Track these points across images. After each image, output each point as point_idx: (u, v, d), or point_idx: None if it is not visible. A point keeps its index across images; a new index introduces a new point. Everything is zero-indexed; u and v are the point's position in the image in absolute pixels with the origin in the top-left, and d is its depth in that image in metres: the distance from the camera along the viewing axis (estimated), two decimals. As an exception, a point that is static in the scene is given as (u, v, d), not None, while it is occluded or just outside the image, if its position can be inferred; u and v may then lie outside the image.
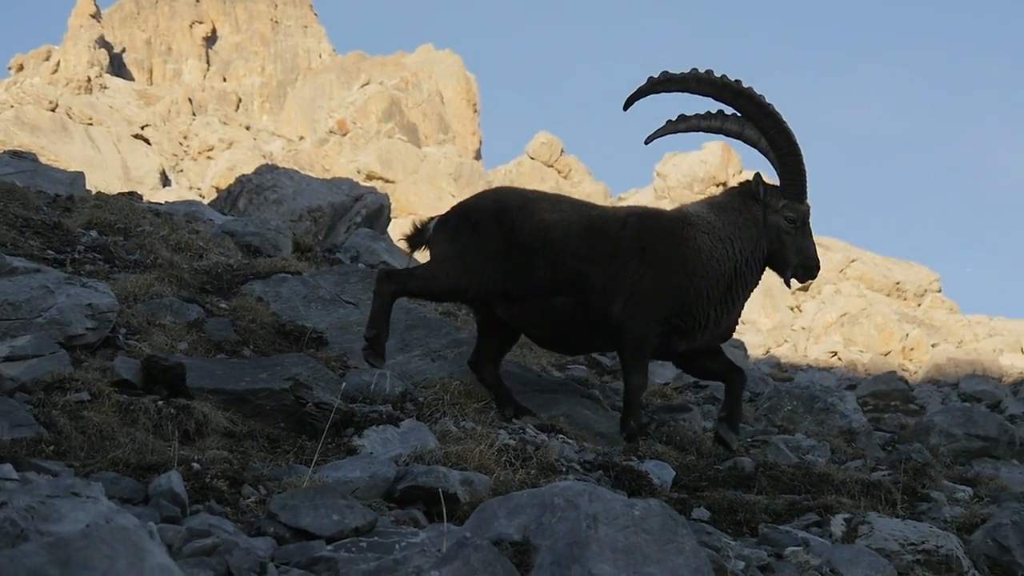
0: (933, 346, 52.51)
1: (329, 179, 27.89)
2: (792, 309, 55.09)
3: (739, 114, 8.98)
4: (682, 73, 8.91)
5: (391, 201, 26.21)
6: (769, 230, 8.86)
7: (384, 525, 4.76)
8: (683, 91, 9.02)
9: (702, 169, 65.53)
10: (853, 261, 59.58)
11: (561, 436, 8.19)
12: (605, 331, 8.77)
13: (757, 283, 9.08)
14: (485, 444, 6.67)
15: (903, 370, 42.71)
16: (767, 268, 9.10)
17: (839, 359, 46.28)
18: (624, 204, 63.25)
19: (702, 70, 8.86)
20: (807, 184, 8.91)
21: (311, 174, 32.25)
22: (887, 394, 25.00)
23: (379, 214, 24.77)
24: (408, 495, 5.54)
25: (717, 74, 8.84)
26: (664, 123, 9.16)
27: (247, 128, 78.83)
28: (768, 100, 8.81)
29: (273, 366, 7.47)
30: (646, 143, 9.14)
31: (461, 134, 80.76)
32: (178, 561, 3.84)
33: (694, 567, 4.53)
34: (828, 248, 57.06)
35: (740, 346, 22.95)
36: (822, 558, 5.91)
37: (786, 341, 51.08)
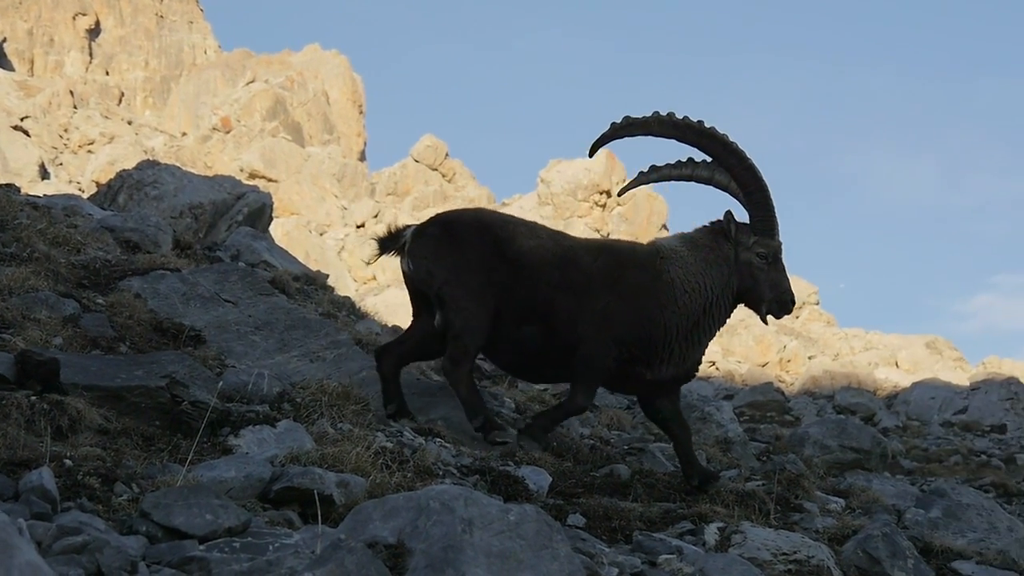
0: (810, 358, 53.38)
1: (211, 176, 27.62)
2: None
3: (704, 155, 9.01)
4: (644, 117, 8.92)
5: (274, 200, 26.00)
6: (741, 267, 8.88)
7: (258, 526, 4.72)
8: (646, 134, 9.02)
9: (586, 177, 65.90)
10: (732, 273, 60.17)
11: (439, 440, 8.18)
12: (571, 362, 8.79)
13: (724, 322, 9.10)
14: (362, 446, 6.65)
15: (780, 381, 43.38)
16: (742, 304, 9.14)
17: (717, 369, 46.82)
18: (510, 210, 63.41)
19: (664, 113, 8.89)
20: (776, 220, 8.96)
21: (193, 171, 31.90)
22: (763, 405, 25.39)
23: (261, 213, 24.57)
24: (283, 496, 5.50)
25: (679, 116, 8.86)
26: (636, 175, 9.20)
27: (129, 123, 77.76)
28: (732, 139, 8.84)
29: (149, 363, 7.36)
30: (619, 196, 9.24)
31: (346, 135, 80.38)
32: (48, 559, 3.79)
33: (568, 573, 4.56)
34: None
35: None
36: (695, 566, 5.96)
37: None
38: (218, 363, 8.60)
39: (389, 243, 9.11)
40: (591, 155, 9.19)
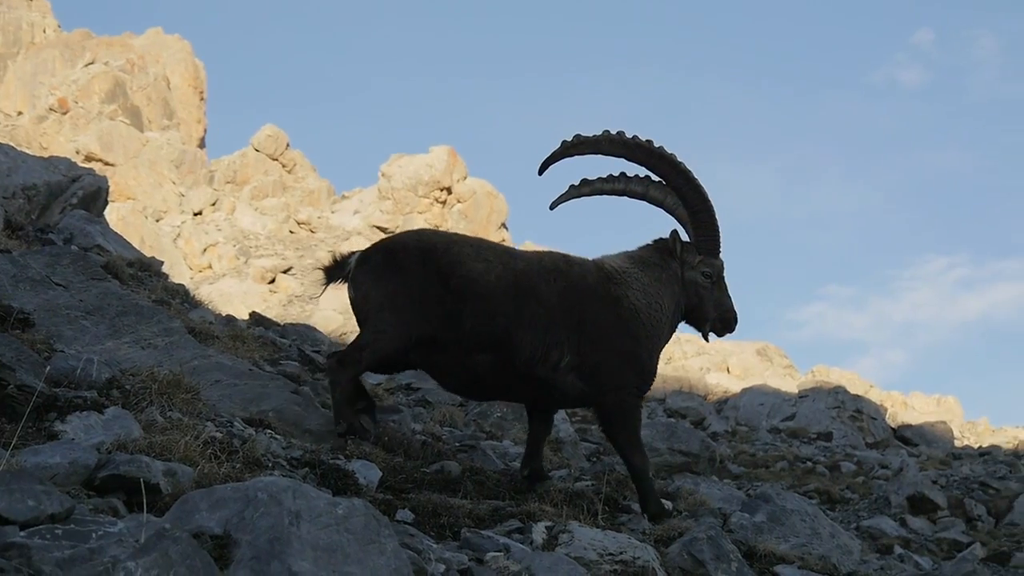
0: (643, 362, 53.88)
1: (46, 157, 27.01)
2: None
3: (649, 174, 9.06)
4: (595, 136, 8.93)
5: (110, 184, 25.50)
6: (687, 286, 8.96)
7: (82, 513, 4.64)
8: (596, 153, 9.01)
9: (427, 173, 65.86)
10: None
11: (269, 431, 8.12)
12: (522, 389, 8.73)
13: (669, 339, 9.20)
14: (191, 436, 6.57)
15: (612, 384, 43.62)
16: (684, 323, 9.21)
17: (551, 370, 47.05)
18: (349, 204, 62.93)
19: (614, 132, 8.91)
20: (720, 239, 9.04)
21: (28, 151, 31.19)
22: (594, 406, 25.54)
23: (96, 197, 24.10)
24: (109, 484, 5.41)
25: (628, 135, 8.89)
26: (567, 188, 9.15)
27: (-39, 99, 75.79)
28: (679, 159, 8.87)
29: (-26, 345, 7.21)
30: (551, 208, 9.09)
31: (186, 121, 79.18)
32: None
33: (394, 568, 4.57)
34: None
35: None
36: (521, 564, 6.00)
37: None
38: (46, 347, 8.43)
39: (335, 272, 8.99)
40: (540, 173, 9.09)
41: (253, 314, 18.50)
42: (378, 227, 64.79)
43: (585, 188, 9.15)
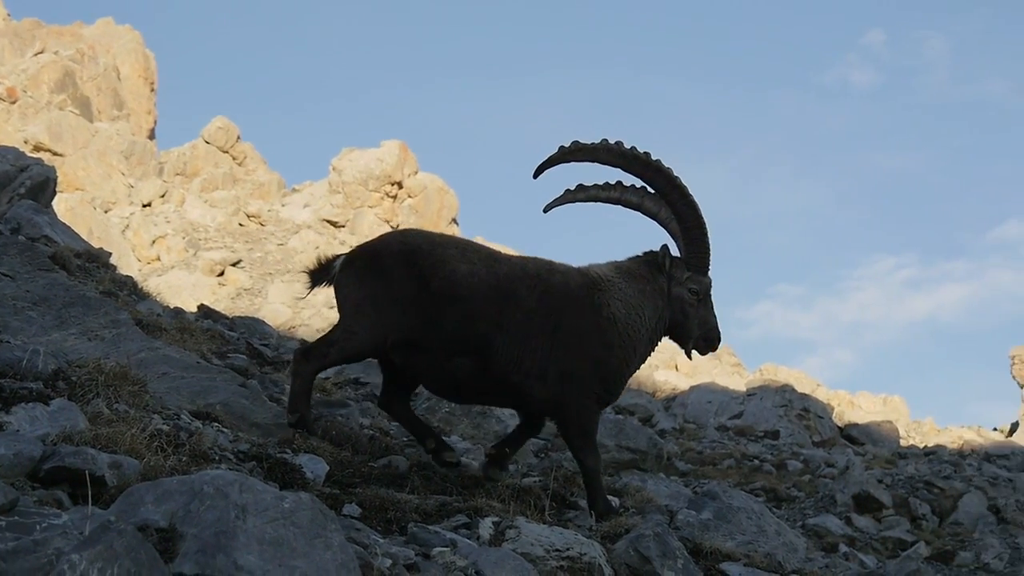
0: (591, 359, 53.91)
1: (-6, 147, 26.79)
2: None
3: (645, 185, 9.03)
4: (592, 143, 8.89)
5: (58, 175, 25.30)
6: (673, 302, 8.94)
7: (26, 505, 4.62)
8: (593, 161, 8.98)
9: (378, 167, 65.67)
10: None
11: (216, 424, 8.10)
12: (502, 394, 8.73)
13: (649, 354, 9.19)
14: (137, 428, 6.53)
15: (561, 381, 43.62)
16: (667, 338, 9.22)
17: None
18: (300, 197, 62.61)
19: (612, 141, 8.88)
20: (710, 258, 9.02)
21: (-25, 140, 30.94)
22: (543, 402, 25.56)
23: (44, 187, 23.91)
24: (53, 476, 5.37)
25: (627, 146, 8.86)
26: (563, 192, 9.10)
27: (-92, 85, 75.03)
28: (676, 173, 8.86)
29: (-82, 335, 7.16)
30: (545, 211, 9.04)
31: (136, 112, 78.63)
32: None
33: (340, 562, 4.57)
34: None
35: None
36: (468, 559, 5.99)
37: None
38: (-10, 338, 8.38)
39: (320, 275, 8.94)
40: (536, 177, 9.04)
41: (201, 307, 18.46)
42: (328, 221, 64.61)
43: (580, 194, 9.11)
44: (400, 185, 66.46)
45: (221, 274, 56.57)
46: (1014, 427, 67.33)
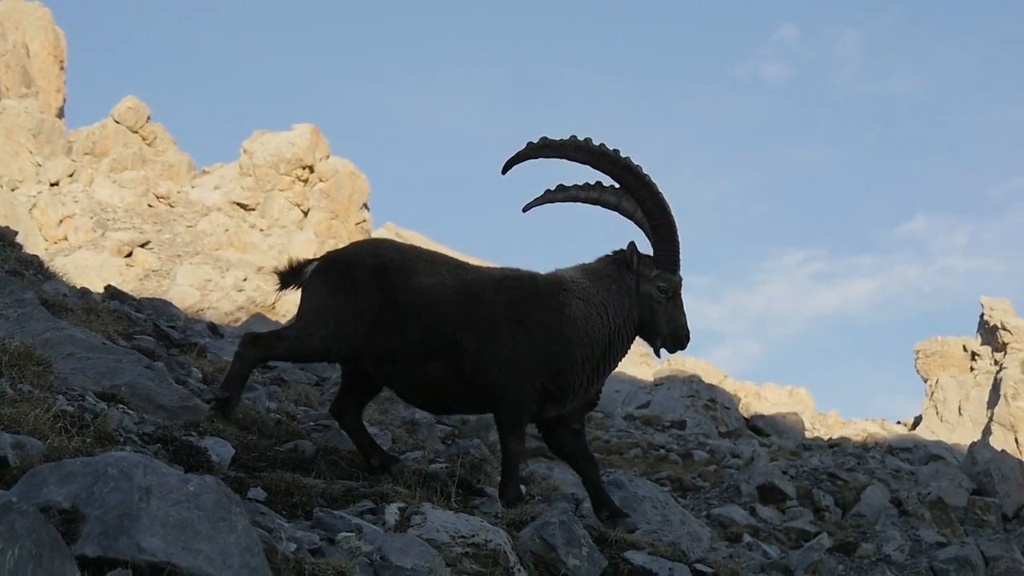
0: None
1: (-103, 120, 26.40)
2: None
3: (616, 183, 8.96)
4: (561, 140, 8.82)
5: (-36, 151, 24.99)
6: (641, 299, 8.85)
7: (-75, 485, 4.58)
8: (561, 158, 8.92)
9: (289, 151, 65.42)
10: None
11: (122, 406, 8.02)
12: (478, 397, 8.63)
13: (627, 351, 9.03)
14: (41, 409, 6.47)
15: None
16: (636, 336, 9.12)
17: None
18: (210, 179, 62.32)
19: (581, 137, 8.81)
20: (680, 255, 8.95)
21: None
22: (452, 390, 25.60)
23: (-51, 163, 23.63)
24: (-46, 456, 5.34)
25: (596, 143, 8.80)
26: (543, 192, 8.99)
27: None
28: (645, 171, 8.81)
29: None
30: (524, 211, 8.96)
31: (45, 90, 77.64)
32: None
33: (244, 546, 4.56)
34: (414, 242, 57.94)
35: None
36: (374, 545, 6.00)
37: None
38: None
39: (290, 278, 8.84)
40: (504, 173, 8.97)
41: (108, 287, 18.26)
42: (238, 203, 64.27)
43: (560, 194, 9.03)
44: (311, 169, 66.25)
45: (129, 255, 56.11)
46: (917, 421, 68.48)
